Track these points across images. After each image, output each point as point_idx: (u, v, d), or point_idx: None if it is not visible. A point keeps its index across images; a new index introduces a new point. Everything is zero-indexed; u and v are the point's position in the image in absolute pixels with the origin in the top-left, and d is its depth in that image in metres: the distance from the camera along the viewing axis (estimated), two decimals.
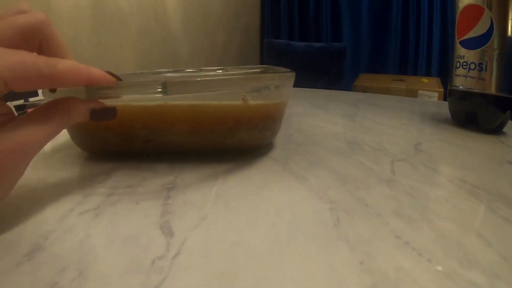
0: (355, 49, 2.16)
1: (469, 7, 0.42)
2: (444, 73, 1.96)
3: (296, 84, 0.38)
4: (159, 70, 0.45)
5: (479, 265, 0.19)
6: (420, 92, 1.65)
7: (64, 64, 0.20)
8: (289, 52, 1.89)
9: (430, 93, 1.62)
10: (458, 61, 0.44)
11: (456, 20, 0.45)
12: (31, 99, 0.56)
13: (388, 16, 2.07)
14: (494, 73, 0.41)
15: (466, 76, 0.43)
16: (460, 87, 0.45)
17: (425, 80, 1.81)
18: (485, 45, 0.41)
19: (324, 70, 1.85)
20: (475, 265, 0.19)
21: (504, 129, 0.45)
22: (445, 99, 0.46)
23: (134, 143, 0.33)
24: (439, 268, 0.19)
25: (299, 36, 2.29)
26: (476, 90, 0.43)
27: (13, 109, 0.48)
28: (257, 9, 2.32)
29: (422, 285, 0.17)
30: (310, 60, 1.86)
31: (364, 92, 1.78)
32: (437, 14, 1.97)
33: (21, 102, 0.55)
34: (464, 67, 0.43)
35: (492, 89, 0.41)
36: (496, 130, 0.44)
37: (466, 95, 0.44)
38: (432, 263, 0.19)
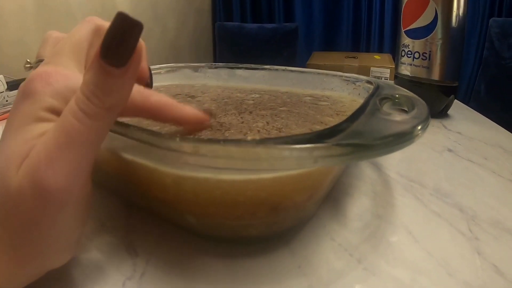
0: (308, 28, 2.17)
1: None
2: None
3: None
4: None
5: (405, 262, 0.20)
6: (372, 69, 1.69)
7: (157, 98, 0.19)
8: (241, 35, 1.86)
9: (382, 70, 1.66)
10: (403, 50, 0.46)
11: (402, 10, 0.46)
12: None
13: None
14: (438, 61, 0.43)
15: (411, 65, 0.45)
16: (405, 75, 0.46)
17: (377, 56, 1.86)
18: (429, 36, 0.42)
19: (278, 51, 1.84)
20: (401, 261, 0.20)
21: (449, 112, 0.47)
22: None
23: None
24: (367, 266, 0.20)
25: (252, 18, 2.26)
26: (420, 78, 0.44)
27: None
28: None
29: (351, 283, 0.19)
30: (263, 42, 1.85)
31: None
32: None
33: None
34: (409, 55, 0.45)
35: (436, 77, 0.43)
36: (441, 113, 0.47)
37: (411, 82, 0.46)
38: (361, 263, 0.20)
